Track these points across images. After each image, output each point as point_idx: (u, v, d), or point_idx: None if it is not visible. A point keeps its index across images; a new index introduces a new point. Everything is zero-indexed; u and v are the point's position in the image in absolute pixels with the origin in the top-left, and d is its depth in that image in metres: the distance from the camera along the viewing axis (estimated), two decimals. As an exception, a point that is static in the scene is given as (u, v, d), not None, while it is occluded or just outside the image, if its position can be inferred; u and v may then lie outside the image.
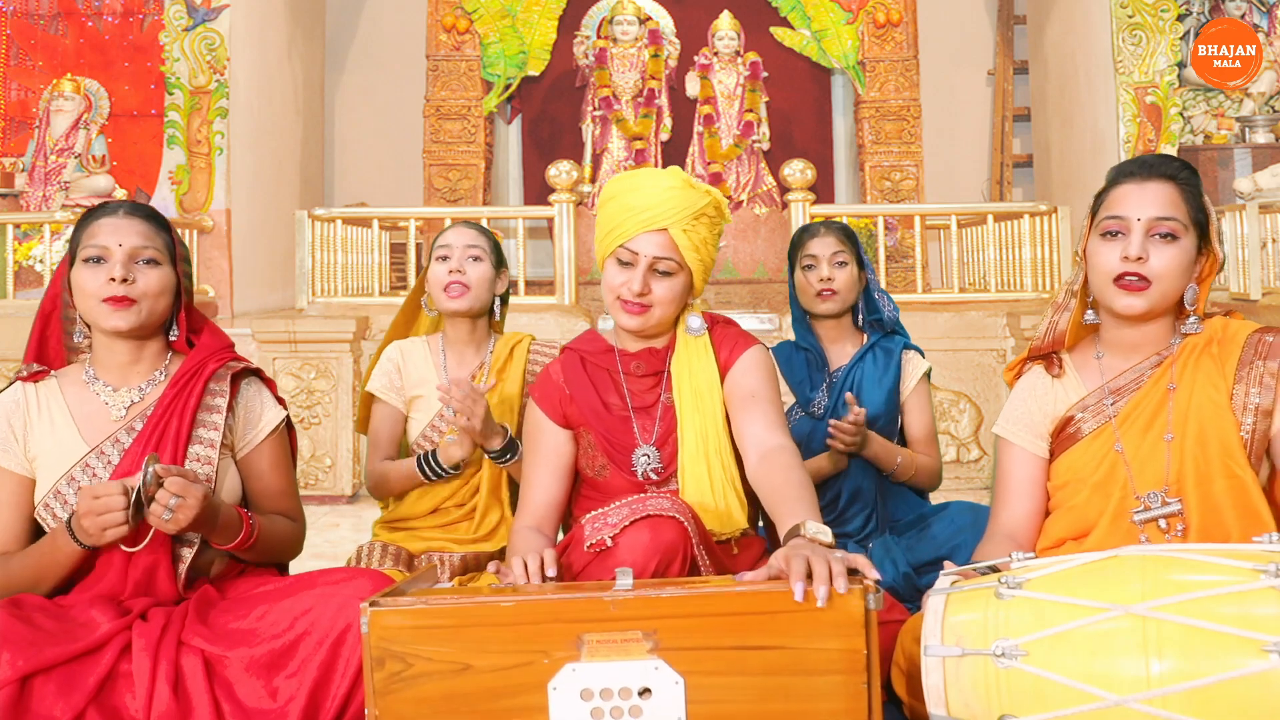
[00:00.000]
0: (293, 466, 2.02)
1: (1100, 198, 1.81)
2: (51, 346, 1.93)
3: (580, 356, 2.05)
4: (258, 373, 2.00)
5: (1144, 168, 1.77)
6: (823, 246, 2.61)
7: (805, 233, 2.69)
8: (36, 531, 1.85)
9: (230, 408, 1.91)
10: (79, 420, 1.85)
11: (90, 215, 1.88)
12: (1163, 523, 1.72)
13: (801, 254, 2.64)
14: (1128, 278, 1.72)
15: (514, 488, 2.44)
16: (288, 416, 2.01)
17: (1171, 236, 1.72)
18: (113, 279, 1.80)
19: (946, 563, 1.66)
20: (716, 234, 1.97)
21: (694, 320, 1.99)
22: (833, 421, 2.43)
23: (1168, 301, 1.75)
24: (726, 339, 2.00)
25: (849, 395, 2.46)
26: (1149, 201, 1.73)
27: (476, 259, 2.45)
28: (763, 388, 1.94)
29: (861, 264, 2.65)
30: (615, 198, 1.95)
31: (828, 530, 1.57)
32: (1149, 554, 1.42)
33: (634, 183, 1.95)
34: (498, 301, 2.51)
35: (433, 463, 2.35)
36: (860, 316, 2.67)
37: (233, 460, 1.93)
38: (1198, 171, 1.80)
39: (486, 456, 2.36)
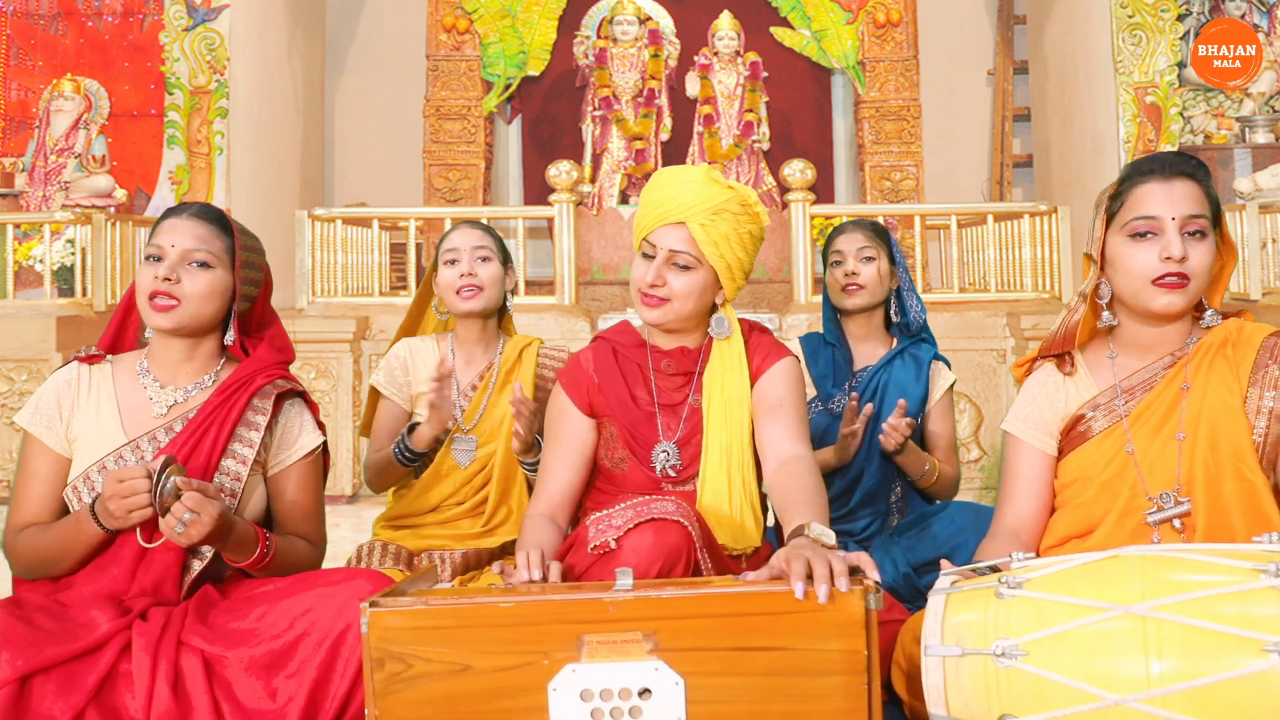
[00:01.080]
0: (321, 491, 2.02)
1: (1118, 198, 1.79)
2: (129, 337, 1.99)
3: (612, 347, 2.05)
4: (303, 395, 2.01)
5: (1166, 166, 1.75)
6: (849, 242, 2.62)
7: (835, 231, 2.71)
8: (64, 511, 1.87)
9: (269, 426, 1.92)
10: (124, 411, 1.88)
11: (163, 216, 1.93)
12: (1177, 523, 1.71)
13: (830, 250, 2.66)
14: (1169, 277, 1.71)
15: (523, 488, 2.46)
16: (325, 442, 2.01)
17: (1201, 234, 1.72)
18: (157, 277, 1.83)
19: (944, 562, 1.65)
20: (743, 233, 1.95)
21: (718, 321, 1.99)
22: (890, 422, 2.42)
23: (1199, 298, 1.75)
24: (760, 347, 2.02)
25: (901, 402, 2.43)
26: (1179, 200, 1.72)
27: (485, 259, 2.46)
28: (789, 397, 1.95)
29: (893, 261, 2.65)
30: (647, 191, 1.99)
31: (831, 534, 1.57)
32: (1149, 554, 1.42)
33: (659, 179, 1.98)
34: (509, 298, 2.52)
35: (405, 448, 2.36)
36: (892, 318, 2.67)
37: (263, 477, 1.93)
38: (1208, 168, 1.80)
39: (523, 466, 2.38)
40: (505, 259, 2.52)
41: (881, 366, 2.61)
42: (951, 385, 2.66)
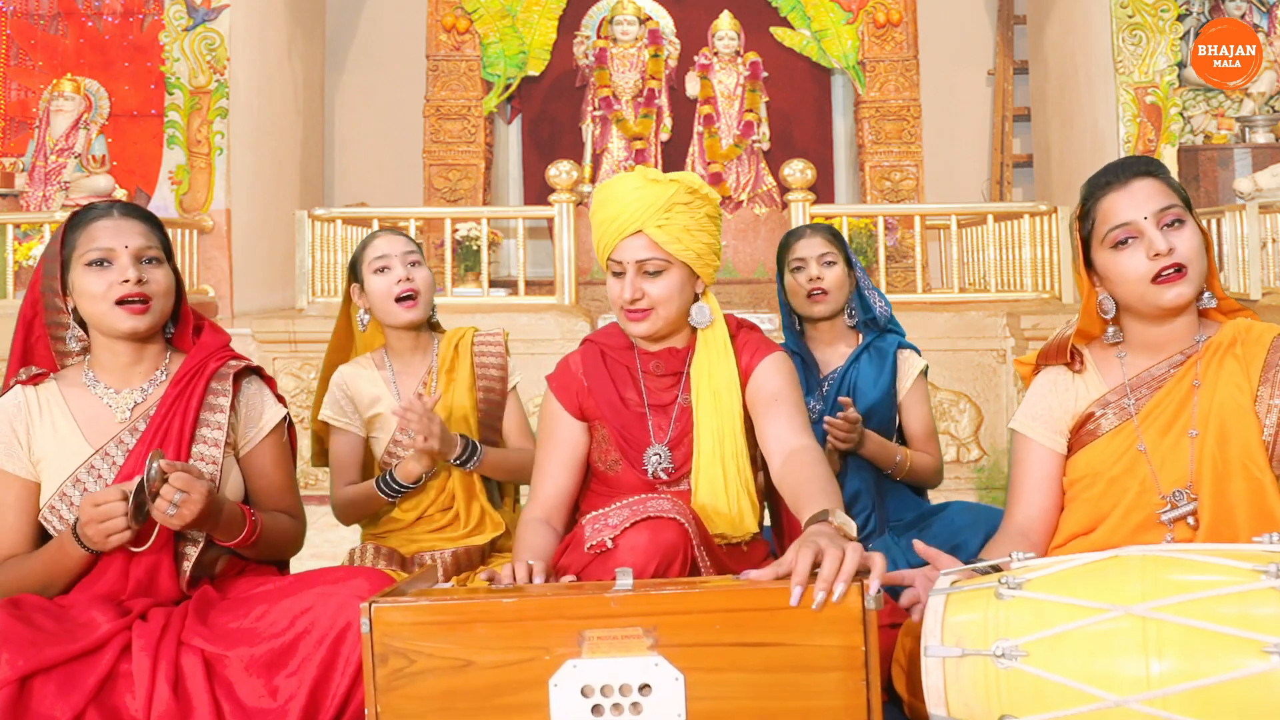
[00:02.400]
0: (293, 464, 2.03)
1: (1087, 217, 1.81)
2: (38, 353, 1.91)
3: (601, 350, 2.05)
4: (258, 371, 2.00)
5: (1120, 173, 1.77)
6: (809, 247, 2.61)
7: (791, 235, 2.69)
8: (42, 535, 1.84)
9: (232, 406, 1.91)
10: (82, 423, 1.85)
11: (82, 218, 1.85)
12: (1191, 520, 1.71)
13: (789, 257, 2.64)
14: (1166, 271, 1.72)
15: (491, 482, 2.46)
16: (288, 414, 2.01)
17: (1179, 221, 1.73)
18: (126, 280, 1.79)
19: (924, 547, 1.66)
20: (700, 218, 1.93)
21: (698, 311, 1.97)
22: (828, 419, 2.42)
23: (1201, 283, 1.75)
24: (749, 344, 2.00)
25: (844, 399, 2.45)
26: (1143, 198, 1.74)
27: (416, 264, 2.41)
28: (785, 391, 1.94)
29: (850, 264, 2.65)
30: (594, 214, 1.97)
31: (852, 523, 1.56)
32: (1149, 554, 1.42)
33: (605, 194, 1.95)
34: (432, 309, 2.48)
35: (392, 482, 2.33)
36: (853, 316, 2.66)
37: (235, 459, 1.93)
38: (1160, 161, 1.83)
39: (452, 464, 2.35)
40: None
41: (849, 365, 2.60)
42: (924, 371, 2.65)
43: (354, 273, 2.45)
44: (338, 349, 2.55)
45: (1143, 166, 1.77)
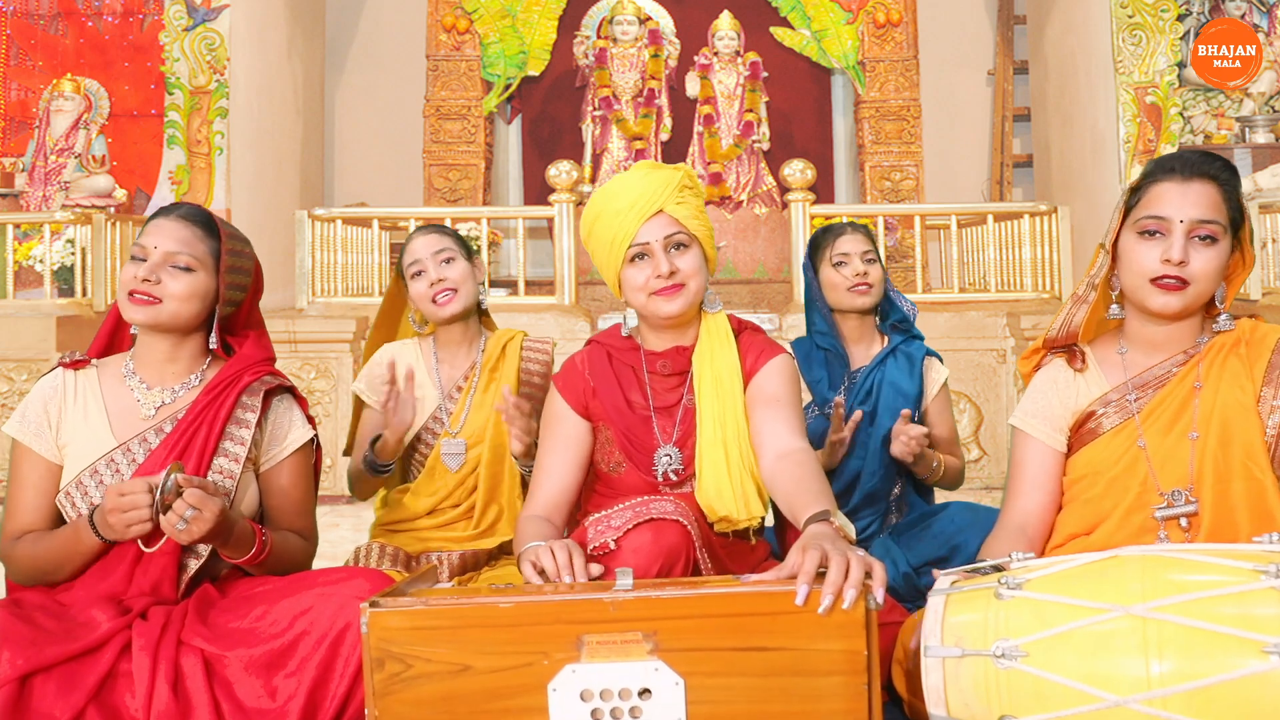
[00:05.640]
0: (313, 486, 2.02)
1: (1137, 192, 1.77)
2: (123, 342, 1.98)
3: (607, 351, 2.04)
4: (292, 390, 2.00)
5: (1188, 166, 1.73)
6: (854, 244, 2.63)
7: (828, 233, 2.69)
8: (58, 516, 1.87)
9: (259, 423, 1.91)
10: (112, 415, 1.88)
11: (154, 214, 1.93)
12: (1184, 521, 1.71)
13: (831, 252, 2.64)
14: (1167, 279, 1.70)
15: (512, 484, 2.45)
16: (315, 436, 2.01)
17: (1212, 239, 1.70)
18: (136, 276, 1.84)
19: (935, 571, 1.65)
20: (701, 205, 1.99)
21: (710, 296, 2.00)
22: (910, 430, 2.40)
23: (1201, 302, 1.74)
24: (754, 345, 2.00)
25: (905, 411, 2.44)
26: (1191, 203, 1.70)
27: (449, 260, 2.42)
28: (786, 393, 1.94)
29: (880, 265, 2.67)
30: (602, 214, 1.94)
31: (851, 525, 1.57)
32: (1149, 554, 1.42)
33: (610, 190, 1.95)
34: (482, 292, 2.48)
35: (370, 458, 2.33)
36: (885, 317, 2.67)
37: (255, 474, 1.93)
38: (1237, 170, 1.77)
39: (517, 464, 2.34)
40: (469, 253, 2.48)
41: (875, 366, 2.60)
42: (947, 378, 2.67)
43: (399, 270, 2.49)
44: (383, 324, 2.57)
45: (1212, 171, 1.73)
